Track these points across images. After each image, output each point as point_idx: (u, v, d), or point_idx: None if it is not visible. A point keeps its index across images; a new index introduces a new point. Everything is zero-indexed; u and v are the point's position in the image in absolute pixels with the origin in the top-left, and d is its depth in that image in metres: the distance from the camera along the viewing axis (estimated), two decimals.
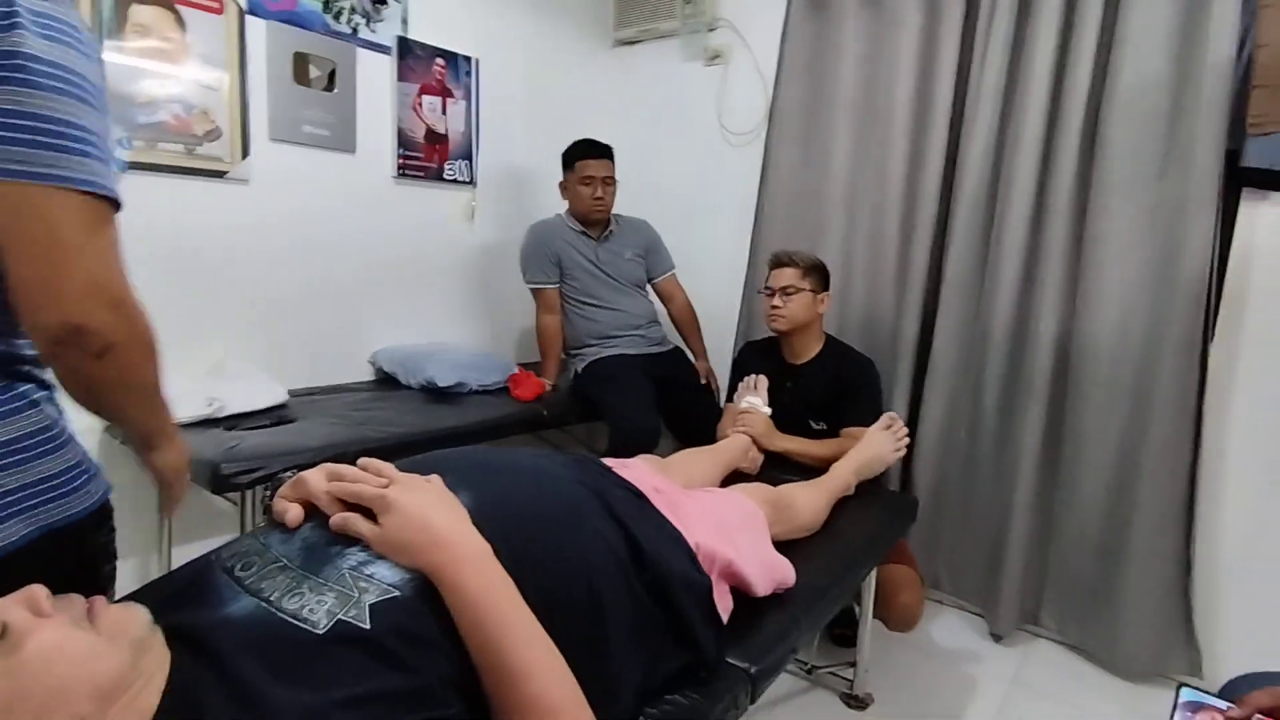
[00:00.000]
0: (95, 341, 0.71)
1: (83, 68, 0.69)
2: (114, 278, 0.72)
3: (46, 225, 0.68)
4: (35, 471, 0.74)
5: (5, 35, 0.65)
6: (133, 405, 0.81)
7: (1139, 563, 1.88)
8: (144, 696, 0.56)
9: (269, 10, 1.99)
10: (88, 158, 0.69)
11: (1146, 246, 1.87)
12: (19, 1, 0.66)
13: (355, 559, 0.69)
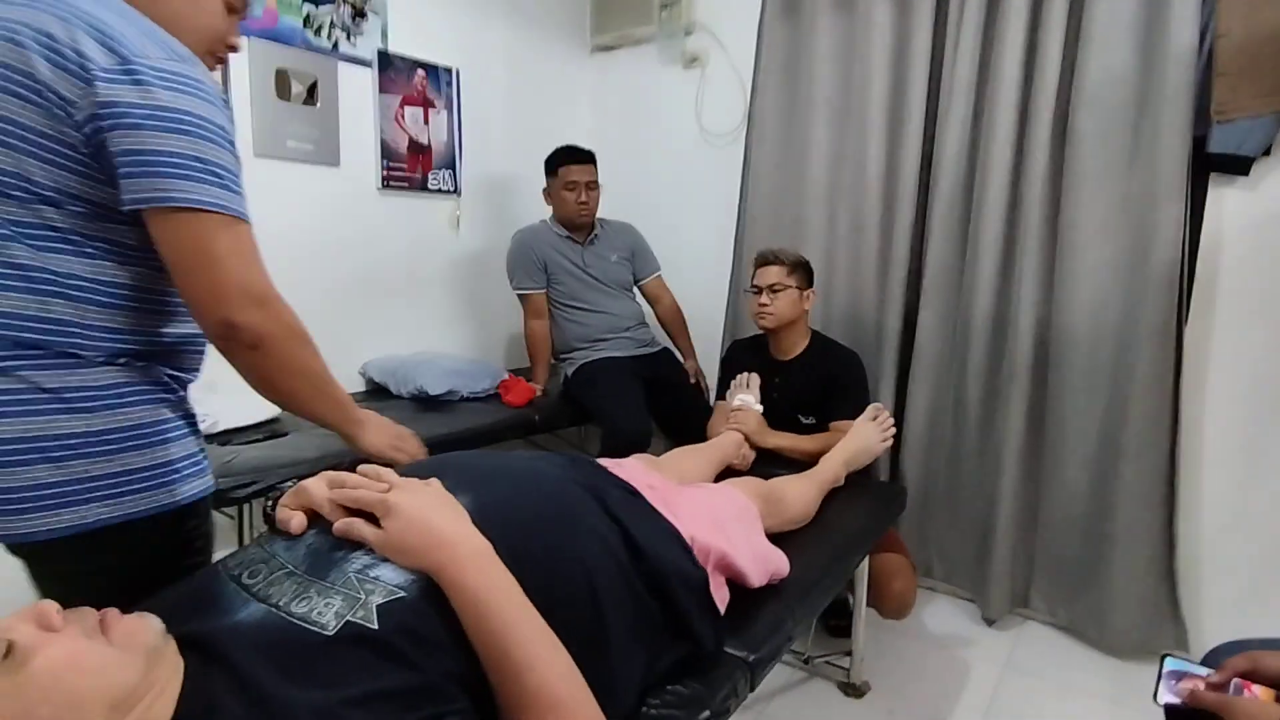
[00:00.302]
0: (247, 335, 0.86)
1: (206, 112, 0.83)
2: (256, 279, 0.87)
3: (196, 243, 0.83)
4: (120, 463, 0.85)
5: (133, 89, 0.80)
6: (303, 392, 0.96)
7: (1124, 543, 1.92)
8: (158, 706, 0.57)
9: (250, 28, 1.99)
10: (216, 185, 0.83)
11: (1119, 234, 1.92)
12: (139, 62, 0.80)
13: (360, 562, 0.70)
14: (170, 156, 0.81)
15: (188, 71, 0.84)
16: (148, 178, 0.80)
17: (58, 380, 0.83)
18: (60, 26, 0.80)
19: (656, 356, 2.54)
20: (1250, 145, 1.76)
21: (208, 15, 0.98)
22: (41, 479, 0.82)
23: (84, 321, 0.84)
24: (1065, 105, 1.96)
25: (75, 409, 0.84)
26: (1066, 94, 1.96)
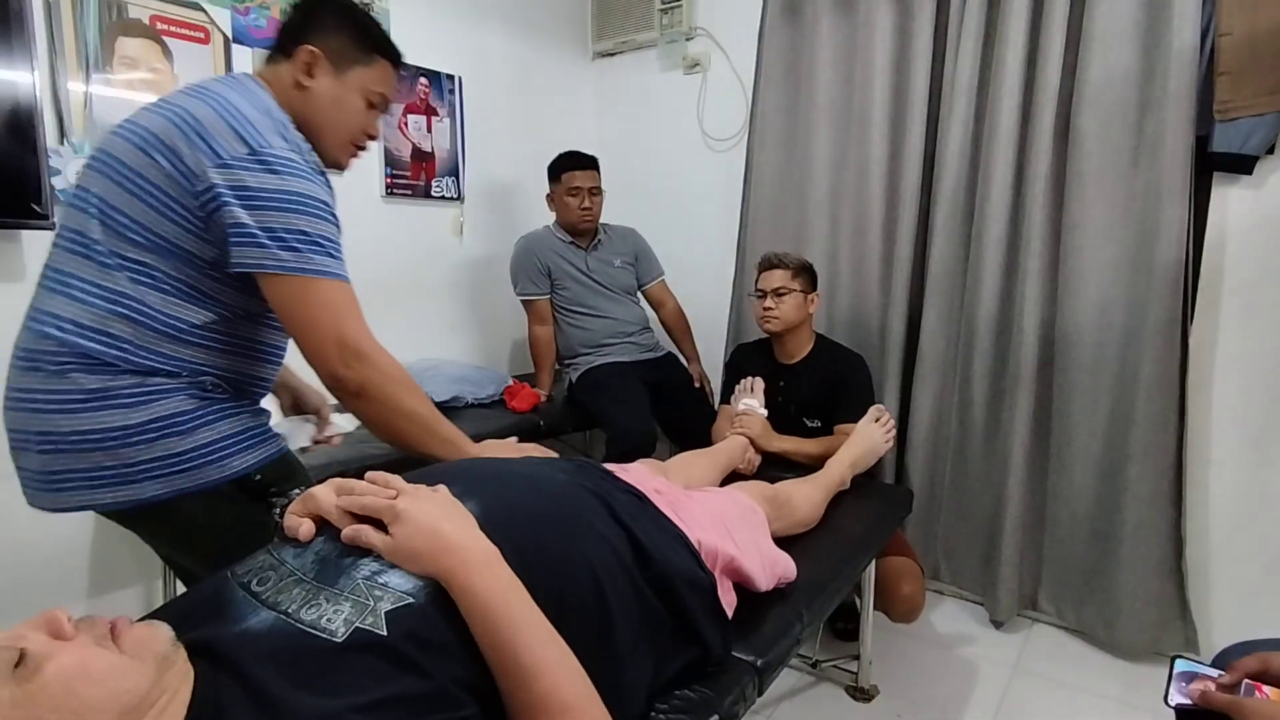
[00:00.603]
0: (349, 385, 1.02)
1: (310, 190, 1.00)
2: (350, 334, 1.02)
3: (294, 305, 1.01)
4: (162, 448, 1.00)
5: (253, 174, 0.97)
6: (412, 434, 1.08)
7: (1132, 543, 1.91)
8: (169, 712, 0.57)
9: (254, 38, 2.01)
10: (317, 253, 1.00)
11: (1123, 234, 1.92)
12: (265, 152, 0.98)
13: (369, 569, 0.70)
14: (279, 231, 0.97)
15: (300, 159, 1.01)
16: (257, 248, 0.97)
17: (99, 383, 0.99)
18: (208, 113, 0.99)
19: (661, 361, 2.54)
20: (1253, 144, 1.76)
21: (351, 114, 1.17)
22: (102, 463, 0.99)
23: (136, 341, 1.00)
24: (1067, 106, 1.96)
25: (114, 406, 0.98)
26: (1068, 94, 1.96)
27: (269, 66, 1.16)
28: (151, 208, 0.99)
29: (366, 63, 1.17)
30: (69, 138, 1.67)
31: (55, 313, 1.00)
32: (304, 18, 1.15)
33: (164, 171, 0.98)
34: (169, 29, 1.83)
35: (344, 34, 1.15)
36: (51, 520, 1.73)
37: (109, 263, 0.99)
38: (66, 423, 0.98)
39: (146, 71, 1.80)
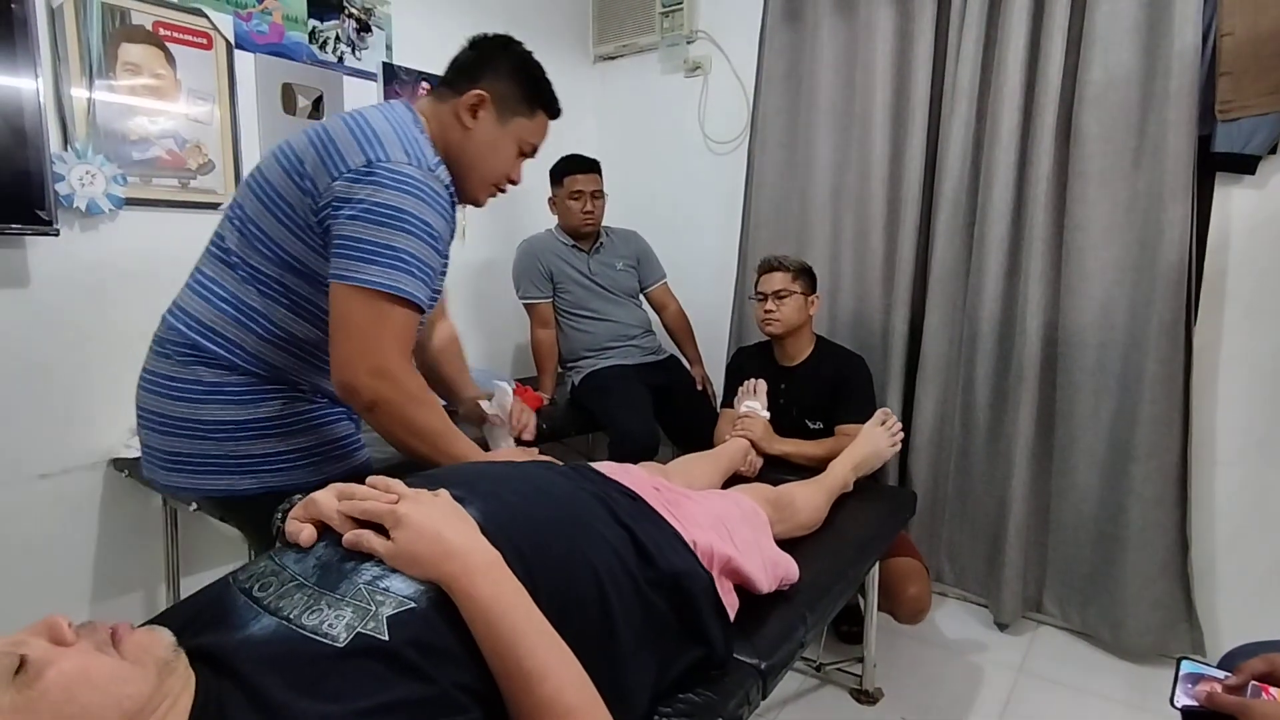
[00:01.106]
0: (361, 400, 1.02)
1: (416, 209, 1.02)
2: (377, 351, 1.02)
3: (340, 312, 1.02)
4: (262, 446, 1.08)
5: (365, 187, 1.00)
6: (420, 451, 1.08)
7: (1137, 545, 1.90)
8: (171, 718, 0.57)
9: (256, 43, 2.02)
10: (385, 267, 1.00)
11: (1126, 234, 1.92)
12: (381, 166, 1.01)
13: (370, 574, 0.70)
14: (368, 243, 1.00)
15: (420, 176, 1.04)
16: (344, 258, 1.01)
17: (215, 377, 1.08)
18: (341, 129, 1.05)
19: (663, 364, 2.54)
20: (1256, 143, 1.76)
21: (502, 159, 1.21)
22: (209, 451, 1.07)
23: (251, 349, 1.08)
24: (1069, 106, 1.96)
25: (226, 401, 1.07)
26: (1070, 95, 1.96)
27: (431, 97, 1.21)
28: (283, 224, 1.06)
29: (529, 115, 1.22)
30: (72, 144, 1.68)
31: (189, 310, 1.11)
32: (480, 60, 1.20)
33: (297, 190, 1.05)
34: (172, 35, 1.84)
35: (515, 84, 1.20)
36: (56, 525, 1.75)
37: (243, 274, 1.09)
38: (184, 410, 1.08)
39: (149, 77, 1.80)
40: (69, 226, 1.69)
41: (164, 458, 1.12)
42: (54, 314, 1.70)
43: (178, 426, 1.09)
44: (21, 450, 1.69)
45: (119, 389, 1.81)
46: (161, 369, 1.11)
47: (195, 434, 1.08)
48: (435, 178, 1.07)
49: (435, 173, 1.08)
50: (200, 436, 1.08)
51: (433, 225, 1.05)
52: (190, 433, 1.08)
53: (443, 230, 1.08)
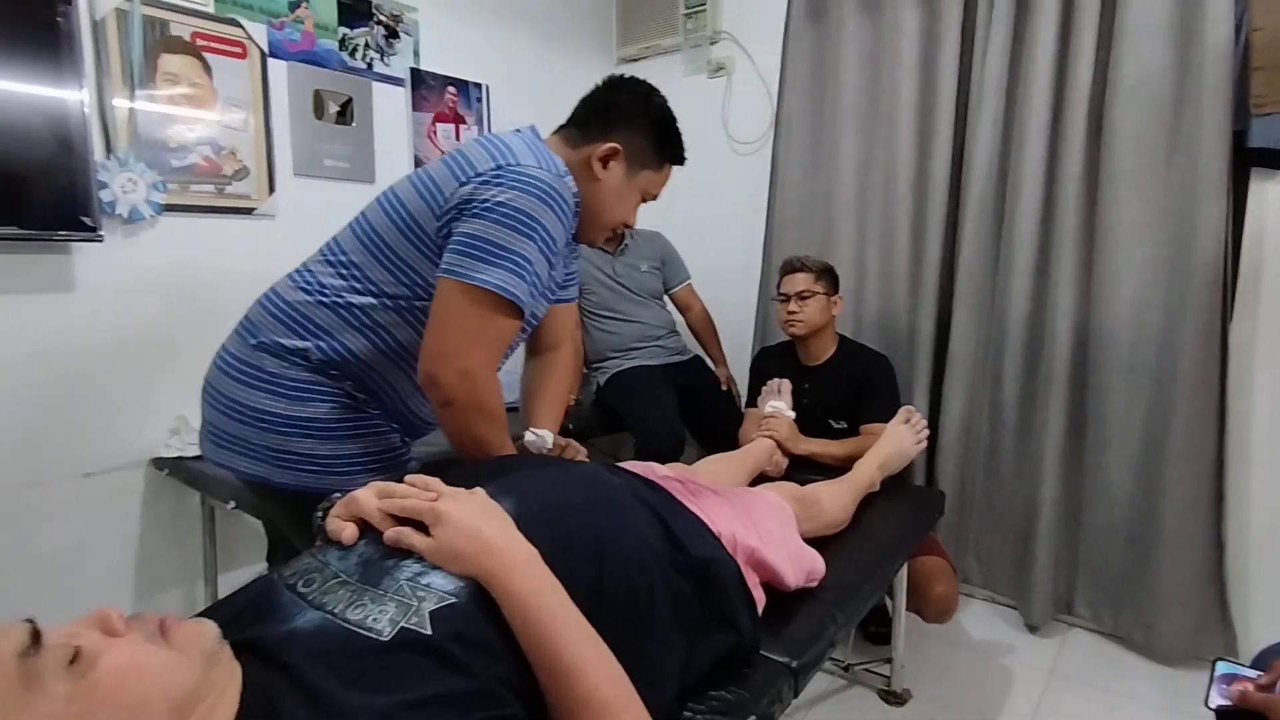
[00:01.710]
0: (439, 394, 1.03)
1: (536, 212, 1.02)
2: (469, 352, 1.02)
3: (443, 306, 1.02)
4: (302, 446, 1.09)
5: (490, 189, 1.01)
6: (476, 455, 1.08)
7: (1170, 546, 1.88)
8: (219, 708, 0.59)
9: (289, 51, 2.06)
10: (497, 267, 1.00)
11: (1159, 232, 1.89)
12: (508, 168, 1.02)
13: (411, 570, 0.71)
14: (482, 241, 1.00)
15: (545, 179, 1.04)
16: (461, 255, 1.01)
17: (277, 368, 1.10)
18: (474, 147, 1.07)
19: (688, 364, 2.55)
20: None
21: (625, 209, 1.23)
22: (250, 438, 1.09)
23: (333, 332, 1.10)
24: (1099, 104, 1.94)
25: (278, 394, 1.09)
26: (1101, 92, 1.93)
27: (559, 137, 1.20)
28: (398, 228, 1.08)
29: (657, 168, 1.22)
30: (115, 152, 1.73)
31: (290, 302, 1.13)
32: (618, 110, 1.18)
33: (422, 202, 1.07)
34: (208, 45, 1.89)
35: (649, 138, 1.19)
36: (99, 522, 1.80)
37: (346, 273, 1.11)
38: (239, 392, 1.10)
39: (187, 86, 1.85)
40: (112, 233, 1.74)
41: (213, 432, 1.15)
42: (98, 318, 1.76)
43: (228, 406, 1.12)
44: (67, 449, 1.74)
45: (159, 390, 1.87)
46: (233, 348, 1.15)
47: (241, 418, 1.10)
48: (564, 184, 1.07)
49: (565, 179, 1.08)
50: (243, 421, 1.10)
51: (551, 232, 1.05)
52: (237, 415, 1.11)
53: (559, 239, 1.08)
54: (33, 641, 0.52)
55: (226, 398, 1.13)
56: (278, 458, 1.10)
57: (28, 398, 1.67)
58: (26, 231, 1.59)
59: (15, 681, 0.50)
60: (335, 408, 1.11)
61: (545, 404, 1.38)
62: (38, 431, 1.69)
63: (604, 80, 1.24)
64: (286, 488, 1.10)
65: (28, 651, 0.52)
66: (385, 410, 1.17)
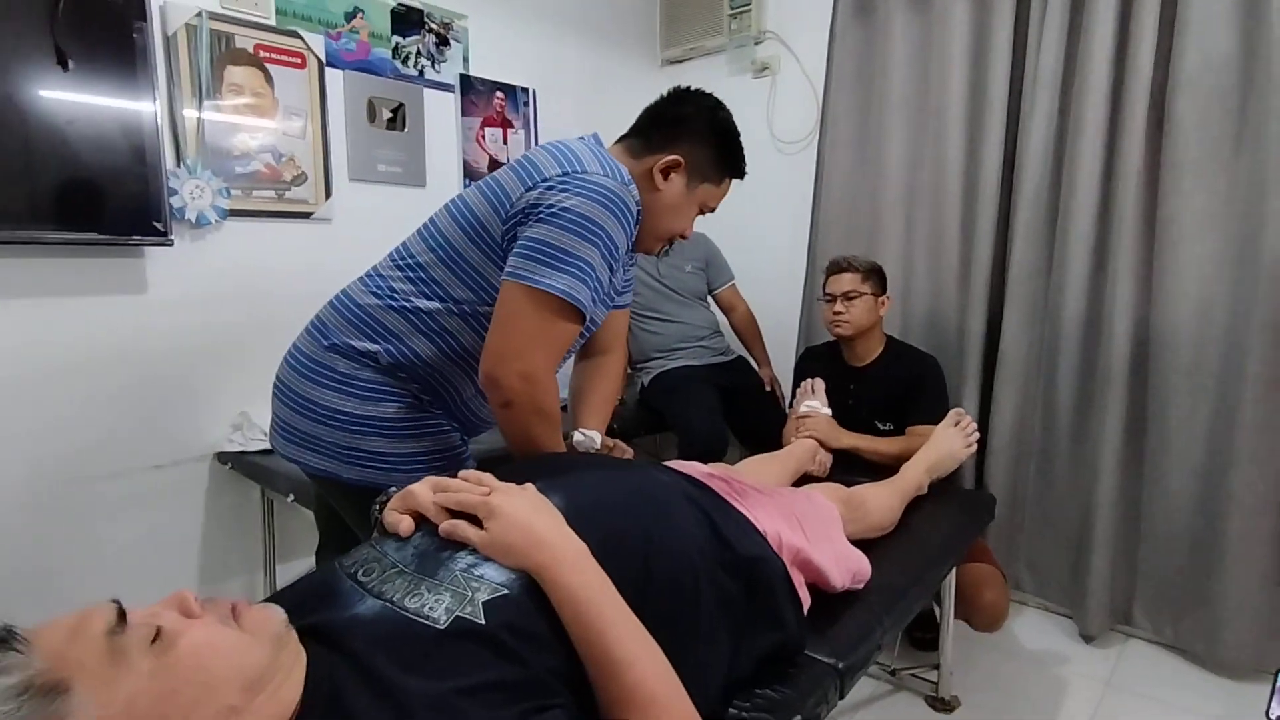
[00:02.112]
0: (500, 395, 1.05)
1: (599, 218, 1.04)
2: (531, 355, 1.04)
3: (507, 309, 1.04)
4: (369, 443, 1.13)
5: (557, 194, 1.03)
6: (523, 451, 1.11)
7: (1236, 554, 1.80)
8: (286, 688, 0.62)
9: (345, 61, 2.14)
10: (562, 272, 1.01)
11: (1225, 226, 1.82)
12: (575, 175, 1.05)
13: (465, 561, 0.74)
14: (547, 246, 1.02)
15: (611, 186, 1.05)
16: (525, 259, 1.03)
17: (348, 369, 1.14)
18: (542, 153, 1.10)
19: (732, 365, 2.55)
20: None
21: (683, 220, 1.24)
22: (321, 435, 1.14)
23: (401, 336, 1.13)
24: (1161, 94, 1.87)
25: (349, 394, 1.13)
26: (1162, 82, 1.87)
27: (622, 146, 1.22)
28: (471, 239, 1.11)
29: (717, 181, 1.23)
30: (184, 160, 1.82)
31: (361, 305, 1.18)
32: (682, 122, 1.19)
33: (489, 207, 1.10)
34: (270, 56, 1.96)
35: (711, 152, 1.20)
36: (166, 513, 1.89)
37: (419, 278, 1.15)
38: (311, 391, 1.15)
39: (251, 96, 1.93)
40: (180, 237, 1.83)
41: (284, 428, 1.20)
42: (167, 318, 1.85)
43: (302, 404, 1.16)
44: (138, 443, 1.84)
45: (223, 387, 1.96)
46: (305, 348, 1.20)
47: (313, 415, 1.15)
48: (629, 192, 1.09)
49: (629, 187, 1.09)
50: (315, 419, 1.14)
51: (615, 239, 1.06)
52: (309, 413, 1.15)
53: (621, 246, 1.09)
54: (119, 620, 0.56)
55: (299, 396, 1.17)
56: (347, 454, 1.13)
57: (105, 393, 1.77)
58: (104, 236, 1.69)
59: (105, 657, 0.54)
60: (403, 408, 1.14)
61: (594, 406, 1.40)
62: (113, 425, 1.79)
63: (669, 91, 1.25)
64: (354, 483, 1.14)
65: (115, 629, 0.55)
66: (447, 411, 1.21)
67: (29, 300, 1.65)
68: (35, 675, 0.51)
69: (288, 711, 0.61)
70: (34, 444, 1.67)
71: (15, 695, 0.50)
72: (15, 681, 0.50)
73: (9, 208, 1.54)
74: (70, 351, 1.71)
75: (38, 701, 0.50)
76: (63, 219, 1.62)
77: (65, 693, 0.51)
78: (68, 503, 1.73)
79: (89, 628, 0.55)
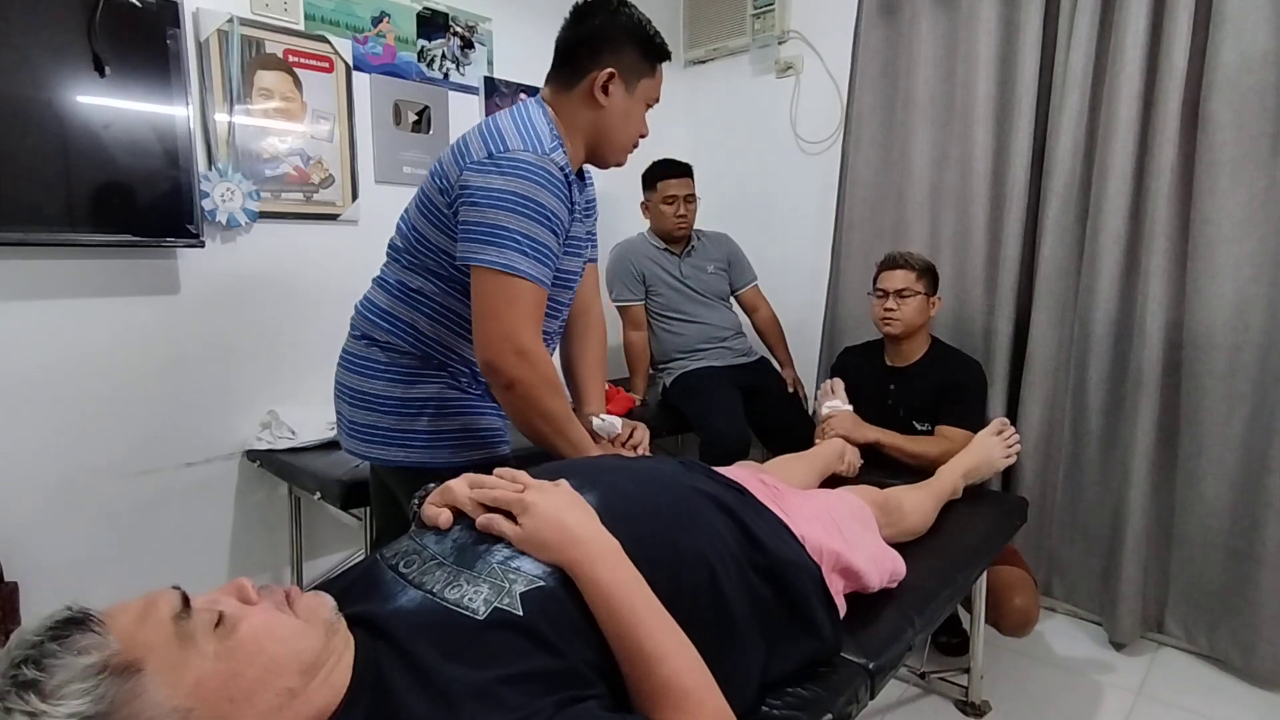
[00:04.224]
0: (501, 377, 1.10)
1: (530, 192, 1.08)
2: (519, 332, 1.09)
3: (481, 294, 1.10)
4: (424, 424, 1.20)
5: (482, 175, 1.08)
6: (543, 431, 1.15)
7: (1273, 563, 1.76)
8: (338, 672, 0.64)
9: (371, 65, 2.16)
10: (498, 247, 1.07)
11: (1263, 226, 1.78)
12: (499, 156, 1.09)
13: (502, 554, 0.75)
14: (485, 226, 1.07)
15: (529, 159, 1.09)
16: (466, 241, 1.09)
17: (387, 358, 1.22)
18: (474, 132, 1.14)
19: (754, 366, 2.54)
20: None
21: (635, 122, 1.26)
22: (377, 423, 1.21)
23: (412, 323, 1.21)
24: (1196, 92, 1.84)
25: (392, 379, 1.20)
26: (1197, 78, 1.83)
27: (554, 84, 1.23)
28: (427, 219, 1.18)
29: (651, 74, 1.26)
30: (215, 163, 1.85)
31: (373, 300, 1.27)
32: (596, 35, 1.20)
33: (437, 190, 1.16)
34: (299, 60, 1.99)
35: (635, 50, 1.21)
36: (197, 509, 1.92)
37: (406, 264, 1.22)
38: (362, 383, 1.23)
39: (280, 100, 1.96)
40: (212, 238, 1.86)
41: (350, 427, 1.27)
42: (199, 318, 1.88)
43: (355, 397, 1.24)
44: (171, 440, 1.87)
45: (252, 386, 1.99)
46: (351, 348, 1.28)
47: (367, 405, 1.23)
48: (550, 160, 1.11)
49: (550, 156, 1.12)
50: (370, 408, 1.22)
51: (546, 205, 1.10)
52: (364, 404, 1.23)
53: (556, 209, 1.12)
54: (184, 605, 0.59)
55: (353, 390, 1.25)
56: (405, 437, 1.21)
57: (136, 392, 1.80)
58: (137, 238, 1.72)
59: (173, 640, 0.57)
60: (443, 386, 1.22)
61: (588, 372, 1.45)
62: (145, 422, 1.82)
63: (569, 14, 1.23)
64: (414, 467, 1.20)
65: (181, 614, 0.58)
66: (484, 390, 1.25)
67: (65, 300, 1.69)
68: (111, 656, 0.54)
69: (338, 695, 0.64)
70: (69, 440, 1.71)
71: (94, 674, 0.53)
72: (94, 661, 0.53)
73: (47, 210, 1.58)
74: (104, 350, 1.74)
75: (114, 680, 0.53)
76: (98, 221, 1.65)
77: (139, 673, 0.54)
78: (101, 498, 1.76)
79: (156, 612, 0.58)
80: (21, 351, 1.63)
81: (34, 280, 1.64)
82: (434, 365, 1.22)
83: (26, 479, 1.65)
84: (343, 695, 0.64)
